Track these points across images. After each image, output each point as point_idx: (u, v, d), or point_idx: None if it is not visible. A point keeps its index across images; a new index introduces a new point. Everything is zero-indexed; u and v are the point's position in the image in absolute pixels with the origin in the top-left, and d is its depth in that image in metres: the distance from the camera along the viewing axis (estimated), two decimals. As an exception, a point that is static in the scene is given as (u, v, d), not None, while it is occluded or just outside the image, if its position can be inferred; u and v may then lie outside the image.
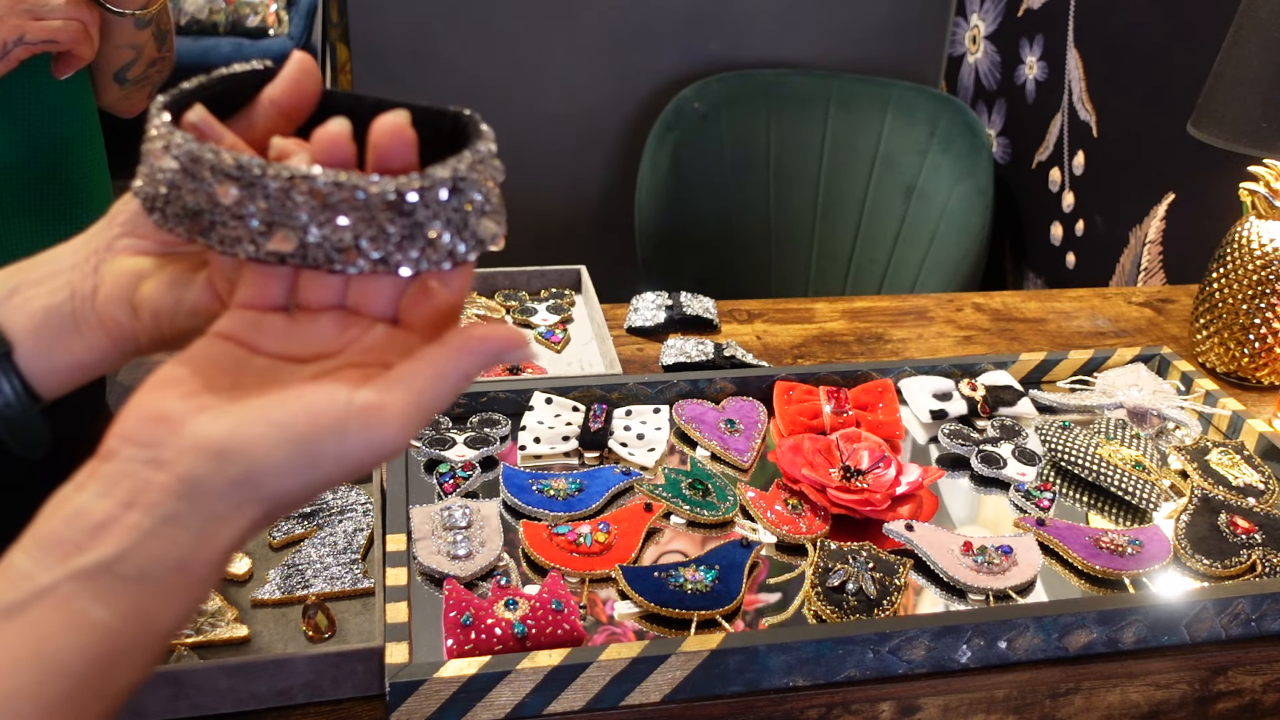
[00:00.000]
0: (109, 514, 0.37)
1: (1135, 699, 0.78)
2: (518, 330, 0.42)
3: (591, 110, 2.17)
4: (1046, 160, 1.96)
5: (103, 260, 0.48)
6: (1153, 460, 0.97)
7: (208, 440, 0.38)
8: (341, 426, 0.38)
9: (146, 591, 0.37)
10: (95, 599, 0.36)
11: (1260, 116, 1.07)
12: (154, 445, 0.38)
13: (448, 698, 0.68)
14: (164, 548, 0.37)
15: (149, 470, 0.38)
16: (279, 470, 0.38)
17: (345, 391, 0.39)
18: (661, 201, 2.03)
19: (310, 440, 0.38)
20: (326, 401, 0.39)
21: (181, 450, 0.38)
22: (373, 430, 0.38)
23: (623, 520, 0.87)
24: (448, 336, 0.41)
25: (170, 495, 0.37)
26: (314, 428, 0.38)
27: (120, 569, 0.36)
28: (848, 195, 2.08)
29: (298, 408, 0.39)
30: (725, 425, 0.99)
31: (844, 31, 2.19)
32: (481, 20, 2.06)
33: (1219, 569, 0.84)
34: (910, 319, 1.29)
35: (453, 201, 0.41)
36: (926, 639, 0.74)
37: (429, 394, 0.39)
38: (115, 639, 0.36)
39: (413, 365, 0.40)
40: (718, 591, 0.79)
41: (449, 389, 0.40)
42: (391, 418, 0.39)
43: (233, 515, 0.38)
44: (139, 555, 0.37)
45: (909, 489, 0.91)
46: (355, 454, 0.39)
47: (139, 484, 0.37)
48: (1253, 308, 1.12)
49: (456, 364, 0.40)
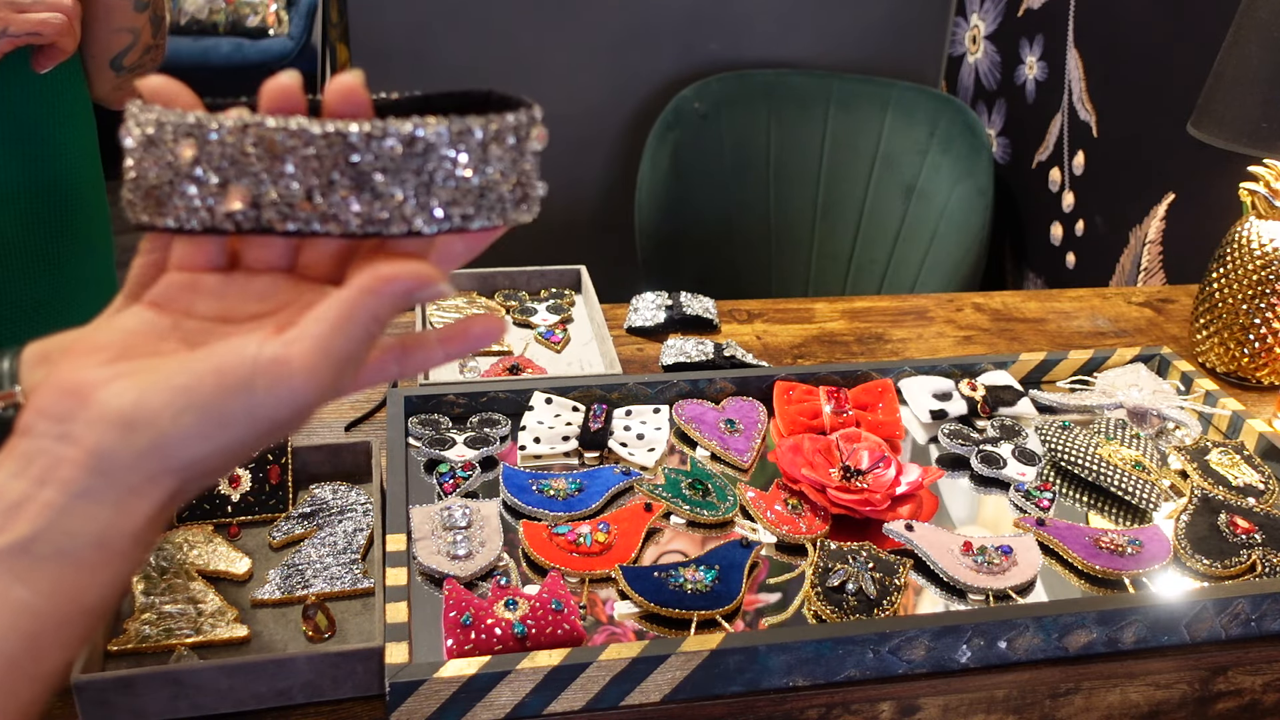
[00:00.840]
0: (24, 493, 0.36)
1: (1135, 699, 0.78)
2: (427, 265, 0.39)
3: (591, 110, 2.17)
4: (1046, 160, 1.96)
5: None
6: (1153, 460, 0.97)
7: (116, 411, 0.37)
8: (248, 384, 0.37)
9: (66, 569, 0.36)
10: (16, 579, 0.35)
11: (1260, 116, 1.07)
12: (65, 419, 0.37)
13: (448, 698, 0.68)
14: (79, 524, 0.36)
15: (60, 446, 0.37)
16: (187, 437, 0.37)
17: (251, 346, 0.38)
18: (661, 201, 2.03)
19: (217, 402, 0.37)
20: (233, 360, 0.37)
21: (90, 423, 0.37)
22: (279, 384, 0.37)
23: (623, 520, 0.87)
24: (353, 277, 0.39)
25: (82, 470, 0.36)
26: (219, 389, 0.37)
27: (37, 548, 0.36)
28: (848, 195, 2.08)
29: (203, 369, 0.37)
30: (725, 425, 0.99)
31: (844, 31, 2.19)
32: (481, 20, 2.06)
33: (1219, 569, 0.84)
34: (910, 319, 1.29)
35: (411, 162, 0.39)
36: (926, 639, 0.74)
37: (336, 340, 0.38)
38: (40, 618, 0.36)
39: (317, 311, 0.38)
40: (718, 591, 0.79)
41: (358, 333, 0.38)
42: (298, 369, 0.37)
43: (147, 487, 0.37)
44: (54, 533, 0.36)
45: (909, 489, 0.91)
46: (266, 411, 0.37)
47: (51, 461, 0.37)
48: (1253, 308, 1.12)
49: (364, 305, 0.38)
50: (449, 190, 0.39)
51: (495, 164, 0.40)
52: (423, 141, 0.39)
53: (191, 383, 0.37)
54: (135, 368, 0.38)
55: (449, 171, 0.39)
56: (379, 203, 0.39)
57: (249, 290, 0.41)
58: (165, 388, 0.37)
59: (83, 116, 0.99)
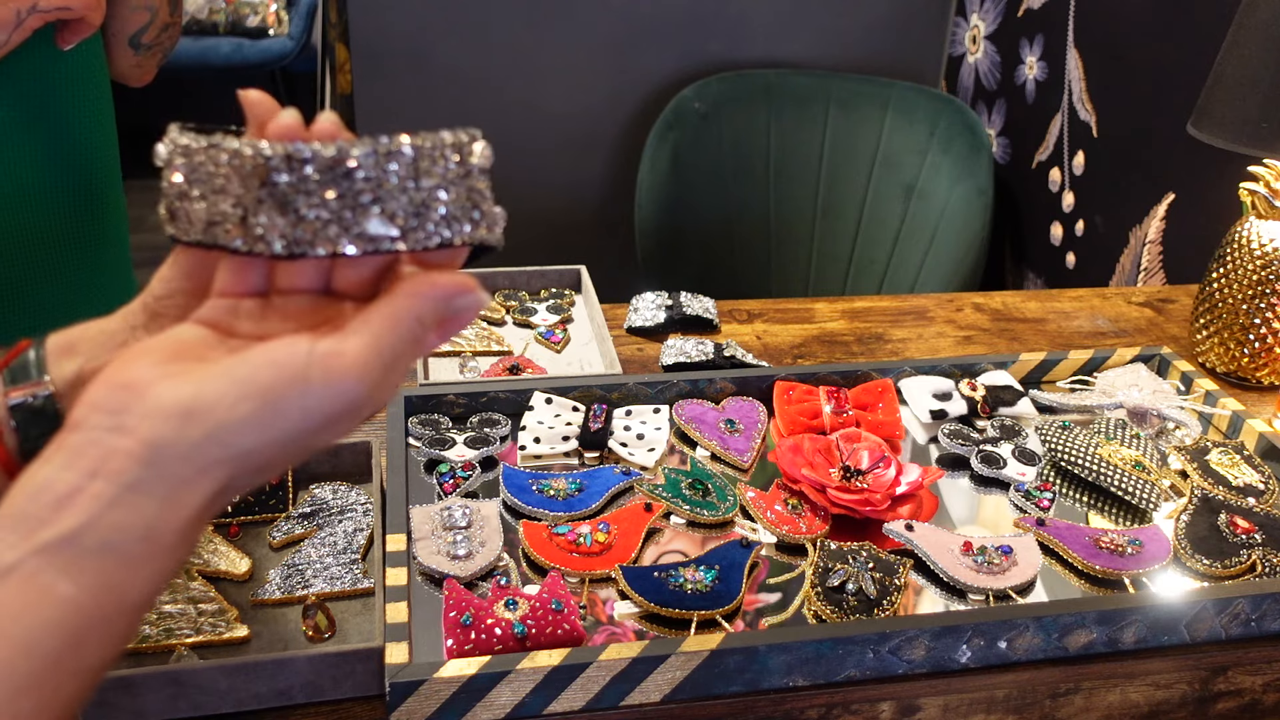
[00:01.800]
0: (74, 485, 0.36)
1: (1135, 699, 0.78)
2: (466, 275, 0.42)
3: (591, 110, 2.17)
4: (1046, 160, 1.96)
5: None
6: (1153, 460, 0.97)
7: (172, 402, 0.37)
8: (303, 376, 0.38)
9: (112, 563, 0.36)
10: (61, 573, 0.36)
11: (1260, 117, 1.07)
12: (119, 411, 0.38)
13: (448, 698, 0.68)
14: (128, 516, 0.36)
15: (113, 437, 0.37)
16: (244, 425, 0.38)
17: (306, 343, 0.39)
18: (661, 201, 2.03)
19: (273, 392, 0.38)
20: (287, 353, 0.39)
21: (145, 414, 0.37)
22: (333, 377, 0.38)
23: (623, 520, 0.87)
24: (398, 285, 0.41)
25: (134, 461, 0.37)
26: (276, 379, 0.38)
27: (85, 540, 0.36)
28: (848, 195, 2.08)
29: (260, 361, 0.38)
30: (725, 425, 0.99)
31: (844, 31, 2.19)
32: (481, 20, 2.06)
33: (1219, 569, 0.84)
34: (910, 319, 1.29)
35: (336, 184, 0.40)
36: (926, 639, 0.74)
37: (386, 339, 0.39)
38: (84, 613, 0.36)
39: (367, 313, 0.40)
40: (718, 591, 0.79)
41: (406, 334, 0.40)
42: (351, 364, 0.39)
43: (198, 478, 0.37)
44: (102, 526, 0.36)
45: (909, 489, 0.91)
46: (319, 405, 0.38)
47: (103, 452, 0.37)
48: (1253, 308, 1.12)
49: (409, 308, 0.40)
50: (376, 210, 0.41)
51: (429, 181, 0.42)
52: (345, 166, 0.40)
53: (249, 373, 0.38)
54: (189, 367, 0.39)
55: (376, 192, 0.41)
56: (301, 225, 0.41)
57: (286, 309, 0.43)
58: (223, 378, 0.38)
59: (104, 103, 0.99)
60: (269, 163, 0.40)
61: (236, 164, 0.41)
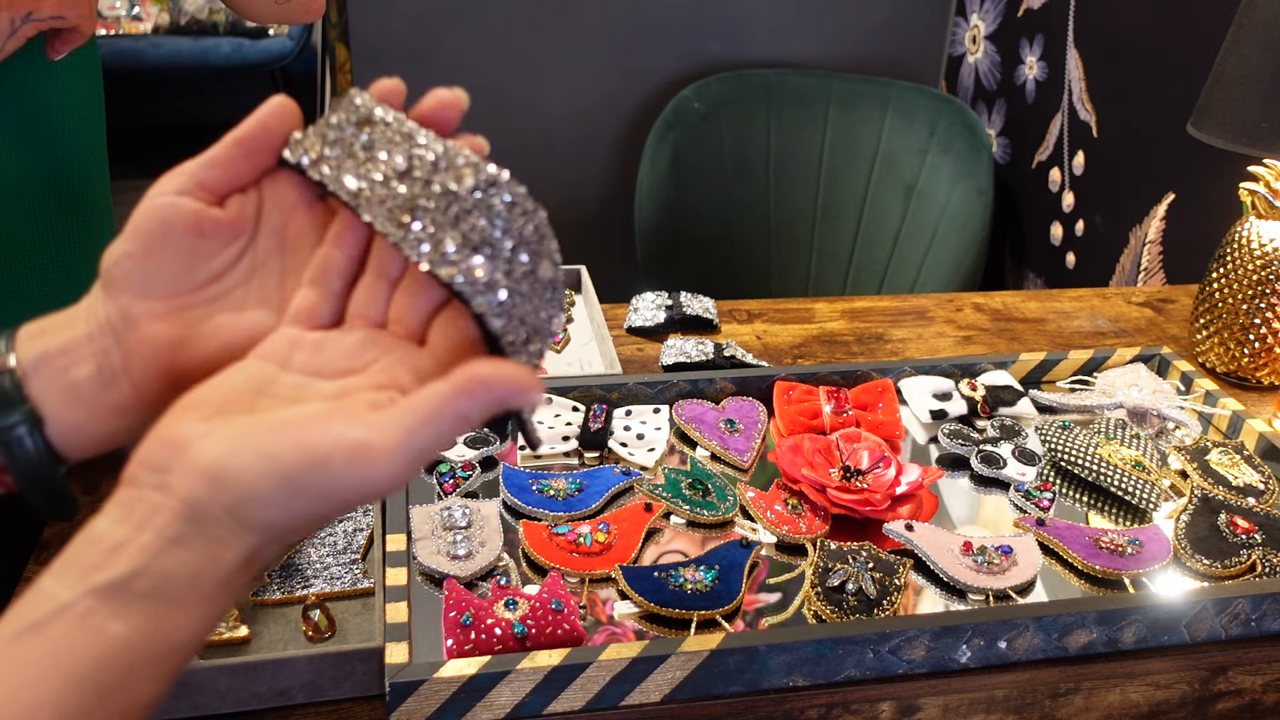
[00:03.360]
0: (124, 537, 0.39)
1: (1135, 699, 0.79)
2: (527, 373, 0.40)
3: (591, 110, 2.17)
4: (1046, 160, 1.96)
5: (123, 332, 0.46)
6: (1152, 460, 0.97)
7: (206, 464, 0.39)
8: (326, 461, 0.39)
9: (160, 607, 0.38)
10: (113, 614, 0.38)
11: (1260, 117, 1.07)
12: (163, 469, 0.40)
13: (448, 698, 0.68)
14: (174, 566, 0.38)
15: (158, 494, 0.39)
16: (265, 501, 0.39)
17: (337, 426, 0.39)
18: (661, 201, 2.03)
19: (296, 474, 0.39)
20: (317, 437, 0.39)
21: (184, 473, 0.39)
22: (356, 467, 0.38)
23: (623, 520, 0.87)
24: (453, 373, 0.40)
25: (175, 517, 0.39)
26: (300, 461, 0.39)
27: (135, 585, 0.38)
28: (848, 195, 2.08)
29: (288, 440, 0.39)
30: (725, 425, 0.99)
31: (844, 31, 2.19)
32: (481, 20, 2.06)
33: (1219, 569, 0.84)
34: (910, 319, 1.29)
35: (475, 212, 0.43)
36: (926, 639, 0.74)
37: (422, 435, 0.39)
38: (133, 652, 0.38)
39: (411, 402, 0.39)
40: (718, 591, 0.79)
41: (445, 430, 0.39)
42: (379, 456, 0.38)
43: (230, 539, 0.39)
44: (151, 573, 0.38)
45: (909, 489, 0.91)
46: (340, 490, 0.39)
47: (149, 508, 0.39)
48: (1252, 308, 1.12)
49: (454, 406, 0.39)
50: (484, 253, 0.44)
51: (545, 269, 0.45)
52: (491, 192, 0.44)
53: (276, 450, 0.39)
54: (229, 423, 0.40)
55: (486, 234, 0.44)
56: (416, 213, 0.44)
57: (342, 347, 0.45)
58: (252, 450, 0.39)
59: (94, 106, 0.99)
60: (477, 173, 0.43)
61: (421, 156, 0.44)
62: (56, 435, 0.47)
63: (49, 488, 0.48)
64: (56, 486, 0.48)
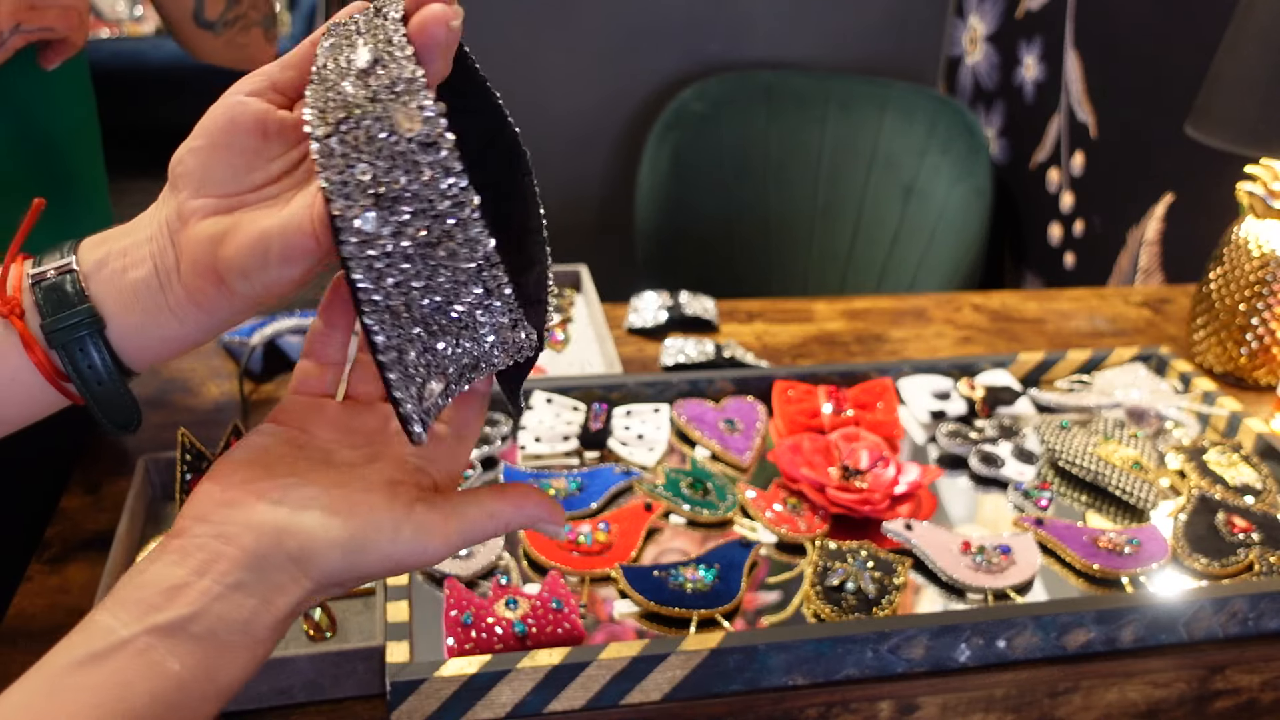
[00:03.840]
0: (183, 580, 0.41)
1: (1133, 698, 0.79)
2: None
3: (591, 110, 2.17)
4: (1045, 161, 1.97)
5: (177, 230, 0.47)
6: (1151, 460, 0.98)
7: (272, 521, 0.42)
8: (395, 529, 0.43)
9: (214, 649, 0.41)
10: (170, 652, 0.40)
11: (1258, 117, 1.07)
12: (223, 524, 0.42)
13: (448, 696, 0.68)
14: (231, 610, 0.41)
15: (218, 544, 0.42)
16: (330, 555, 0.42)
17: (405, 498, 0.45)
18: (661, 201, 2.03)
19: (362, 534, 0.43)
20: (386, 502, 0.44)
21: (248, 527, 0.42)
22: (420, 540, 0.44)
23: (623, 519, 0.87)
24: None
25: (237, 565, 0.41)
26: (370, 524, 0.43)
27: (192, 627, 0.40)
28: (847, 195, 2.09)
29: (359, 502, 0.44)
30: (725, 425, 1.00)
31: (843, 32, 2.19)
32: (481, 21, 2.06)
33: (1217, 568, 0.85)
34: (909, 319, 1.29)
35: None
36: (925, 638, 0.74)
37: (476, 531, 0.46)
38: (184, 690, 0.40)
39: (471, 502, 0.47)
40: (717, 590, 0.79)
41: (493, 531, 0.47)
42: (439, 536, 0.45)
43: (290, 585, 0.42)
44: (209, 616, 0.40)
45: (908, 488, 0.91)
46: (400, 556, 0.44)
47: (210, 555, 0.41)
48: (1250, 308, 1.12)
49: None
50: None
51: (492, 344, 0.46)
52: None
53: (346, 510, 0.43)
54: (284, 486, 0.44)
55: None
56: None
57: (363, 421, 0.49)
58: (321, 509, 0.43)
59: (85, 110, 0.99)
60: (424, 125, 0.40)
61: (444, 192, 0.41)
62: (116, 339, 0.48)
63: (112, 397, 0.48)
64: (119, 396, 0.48)
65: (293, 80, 0.48)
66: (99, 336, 0.47)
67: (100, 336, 0.47)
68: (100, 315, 0.47)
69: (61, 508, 0.90)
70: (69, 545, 0.86)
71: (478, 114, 0.50)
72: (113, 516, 0.88)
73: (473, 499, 0.46)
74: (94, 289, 0.47)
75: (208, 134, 0.47)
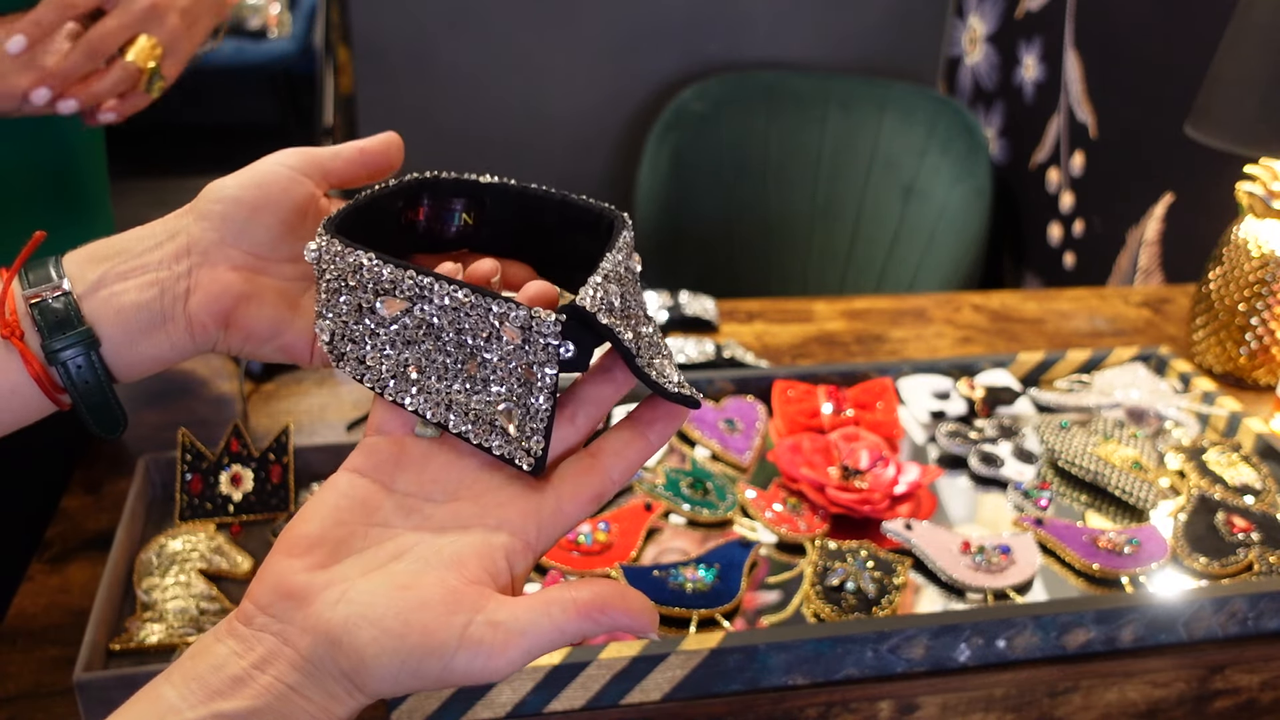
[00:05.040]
0: (245, 671, 0.40)
1: (1133, 697, 0.79)
2: (651, 607, 0.43)
3: (591, 111, 2.17)
4: (1045, 161, 1.97)
5: (199, 265, 0.50)
6: (1150, 460, 0.98)
7: (327, 627, 0.40)
8: (451, 653, 0.40)
9: None
10: None
11: (1257, 117, 1.07)
12: (283, 619, 0.41)
13: (448, 696, 0.68)
14: (291, 711, 0.40)
15: (277, 642, 0.41)
16: (383, 674, 0.40)
17: (464, 615, 0.40)
18: (661, 201, 2.03)
19: (415, 659, 0.40)
20: (443, 627, 0.40)
21: (305, 629, 0.41)
22: (477, 661, 0.40)
23: (623, 519, 0.87)
24: (579, 590, 0.42)
25: (295, 670, 0.40)
26: (423, 647, 0.40)
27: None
28: (847, 196, 2.09)
29: (414, 622, 0.40)
30: (725, 425, 1.00)
31: (843, 32, 2.19)
32: (482, 21, 2.06)
33: (1216, 568, 0.85)
34: (909, 319, 1.29)
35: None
36: (925, 638, 0.74)
37: (543, 646, 0.41)
38: None
39: (537, 614, 0.41)
40: (717, 590, 0.80)
41: (564, 643, 0.41)
42: (498, 659, 0.40)
43: (345, 698, 0.41)
44: (270, 714, 0.40)
45: (908, 488, 0.91)
46: (455, 678, 0.40)
47: (269, 651, 0.41)
48: (1250, 308, 1.12)
49: (578, 626, 0.41)
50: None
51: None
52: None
53: (400, 630, 0.40)
54: (347, 576, 0.42)
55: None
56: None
57: (451, 468, 0.46)
58: (375, 624, 0.40)
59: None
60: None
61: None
62: (108, 355, 0.50)
63: (101, 406, 0.51)
64: (108, 405, 0.51)
65: (338, 172, 0.52)
66: (94, 353, 0.49)
67: (95, 353, 0.49)
68: (96, 335, 0.49)
69: (61, 508, 0.90)
70: (69, 545, 0.86)
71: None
72: (113, 516, 0.88)
73: (540, 615, 0.41)
74: (89, 309, 0.49)
75: (262, 191, 0.50)
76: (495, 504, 0.44)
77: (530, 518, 0.44)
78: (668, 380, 0.44)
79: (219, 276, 0.49)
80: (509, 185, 0.52)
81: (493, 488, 0.45)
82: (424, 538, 0.43)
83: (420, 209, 0.52)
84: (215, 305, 0.50)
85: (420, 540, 0.43)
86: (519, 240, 0.54)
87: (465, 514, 0.44)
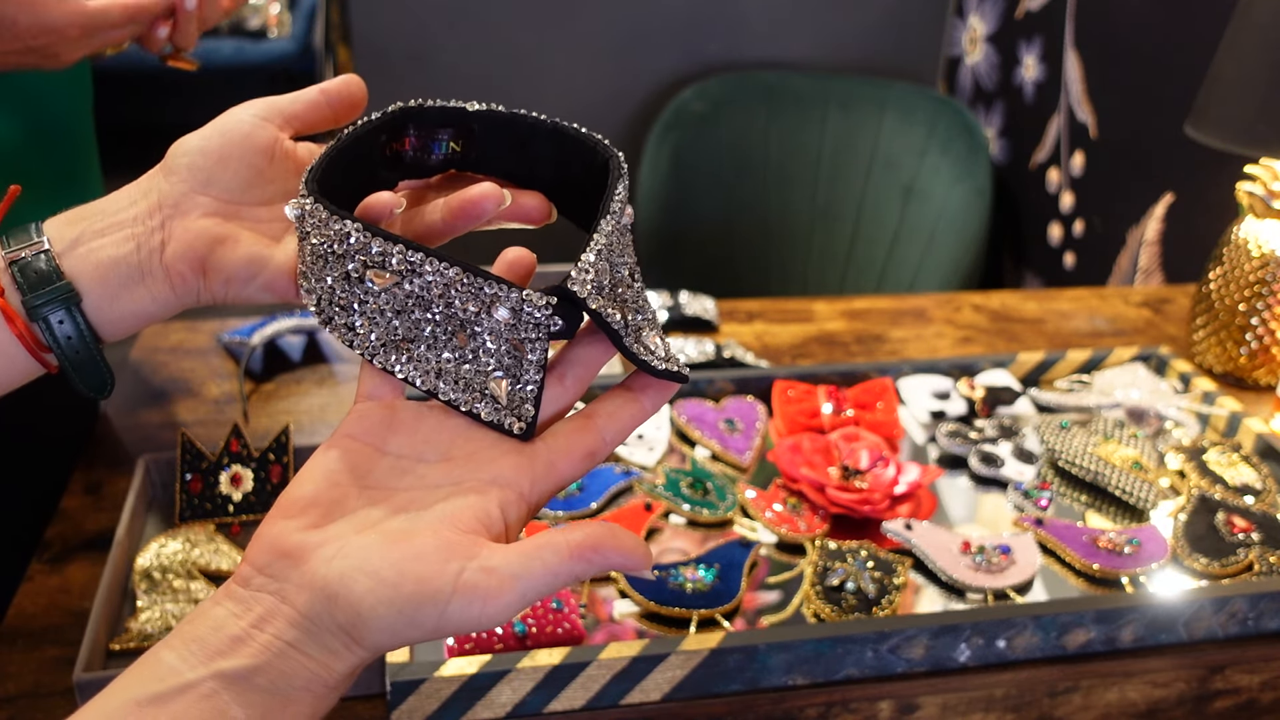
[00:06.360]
0: (243, 631, 0.40)
1: (1133, 697, 0.79)
2: (644, 545, 0.43)
3: (591, 110, 2.17)
4: (1045, 161, 1.97)
5: (170, 217, 0.50)
6: (1151, 460, 0.98)
7: (324, 582, 0.41)
8: (445, 600, 0.40)
9: (275, 701, 0.40)
10: (234, 700, 0.40)
11: (1257, 117, 1.07)
12: (280, 578, 0.41)
13: (448, 696, 0.68)
14: (292, 668, 0.40)
15: (275, 600, 0.41)
16: (380, 625, 0.40)
17: (455, 563, 0.41)
18: (661, 201, 2.03)
19: (412, 607, 0.40)
20: (437, 575, 0.40)
21: (302, 586, 0.41)
22: (473, 609, 0.40)
23: (623, 519, 0.87)
24: (571, 532, 0.42)
25: (293, 626, 0.41)
26: (417, 595, 0.40)
27: (256, 679, 0.40)
28: (847, 196, 2.09)
29: (408, 572, 0.40)
30: (725, 425, 1.00)
31: (843, 32, 2.19)
32: (482, 21, 2.06)
33: (1216, 568, 0.85)
34: (909, 319, 1.29)
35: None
36: (925, 638, 0.74)
37: (537, 589, 0.41)
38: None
39: (529, 558, 0.41)
40: (717, 590, 0.80)
41: (559, 586, 0.42)
42: (494, 603, 0.40)
43: (344, 652, 0.41)
44: (272, 670, 0.40)
45: (908, 488, 0.91)
46: (451, 625, 0.41)
47: (266, 610, 0.41)
48: (1250, 308, 1.12)
49: (570, 568, 0.41)
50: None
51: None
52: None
53: (395, 580, 0.40)
54: (342, 534, 0.42)
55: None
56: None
57: (443, 428, 0.46)
58: (370, 576, 0.40)
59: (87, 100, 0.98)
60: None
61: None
62: (91, 311, 0.50)
63: (87, 363, 0.51)
64: (94, 362, 0.51)
65: (300, 114, 0.52)
66: (76, 309, 0.50)
67: (77, 309, 0.50)
68: (76, 290, 0.49)
69: (61, 508, 0.90)
70: (69, 545, 0.86)
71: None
72: (113, 516, 0.88)
73: (533, 560, 0.41)
74: (68, 265, 0.50)
75: (221, 137, 0.50)
76: (488, 460, 0.45)
77: (523, 471, 0.45)
78: (655, 357, 0.44)
79: (191, 225, 0.50)
80: (498, 111, 0.52)
81: (485, 446, 0.45)
82: (417, 495, 0.44)
83: (406, 139, 0.52)
84: (190, 253, 0.50)
85: (414, 498, 0.44)
86: (508, 167, 0.54)
87: (458, 472, 0.44)
